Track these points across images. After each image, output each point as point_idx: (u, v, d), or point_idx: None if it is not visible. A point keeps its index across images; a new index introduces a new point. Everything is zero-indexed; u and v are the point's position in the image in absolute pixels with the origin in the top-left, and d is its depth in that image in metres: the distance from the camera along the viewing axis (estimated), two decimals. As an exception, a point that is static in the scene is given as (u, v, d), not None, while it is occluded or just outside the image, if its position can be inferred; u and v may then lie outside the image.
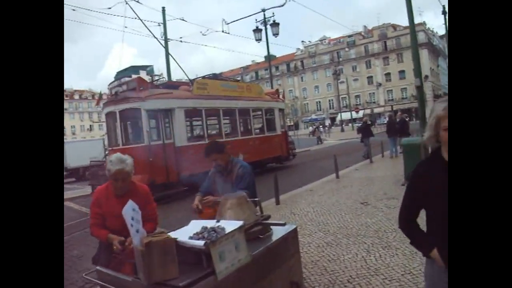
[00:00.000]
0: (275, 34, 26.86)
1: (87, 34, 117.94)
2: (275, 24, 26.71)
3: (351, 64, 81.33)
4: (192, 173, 11.39)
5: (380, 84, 76.94)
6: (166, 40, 20.41)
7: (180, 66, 15.13)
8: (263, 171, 15.60)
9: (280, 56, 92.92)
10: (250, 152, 15.15)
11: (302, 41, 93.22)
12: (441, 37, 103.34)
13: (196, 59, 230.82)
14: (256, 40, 27.14)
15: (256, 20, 27.07)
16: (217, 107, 14.62)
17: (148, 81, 13.97)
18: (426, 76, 72.23)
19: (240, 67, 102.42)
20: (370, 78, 79.10)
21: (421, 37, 73.38)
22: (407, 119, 19.68)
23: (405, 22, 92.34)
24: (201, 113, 13.94)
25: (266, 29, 26.84)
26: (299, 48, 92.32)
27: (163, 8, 21.15)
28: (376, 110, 74.54)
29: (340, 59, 79.86)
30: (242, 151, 14.50)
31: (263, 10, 27.05)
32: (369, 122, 19.55)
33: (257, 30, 27.08)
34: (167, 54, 20.35)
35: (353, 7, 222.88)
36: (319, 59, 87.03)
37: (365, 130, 17.76)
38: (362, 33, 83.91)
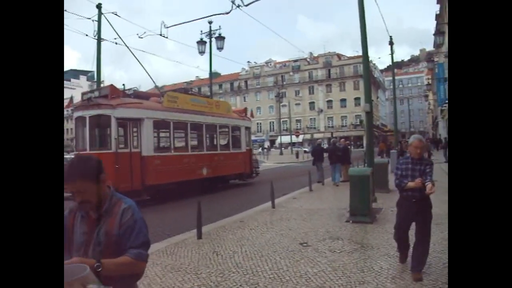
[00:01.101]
0: (220, 48, 25.59)
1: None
2: (221, 38, 25.47)
3: (294, 88, 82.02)
4: (156, 183, 12.98)
5: (321, 110, 77.95)
6: (100, 39, 18.32)
7: (149, 75, 14.91)
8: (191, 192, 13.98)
9: (224, 75, 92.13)
10: (214, 167, 15.98)
11: (248, 62, 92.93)
12: (381, 71, 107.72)
13: (141, 69, 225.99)
14: (199, 52, 25.79)
15: (201, 31, 25.84)
16: (185, 121, 14.87)
17: (120, 89, 14.05)
18: (366, 107, 74.24)
19: (184, 82, 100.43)
20: (312, 104, 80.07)
21: (363, 68, 75.57)
22: (349, 147, 18.96)
23: (349, 52, 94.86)
24: (169, 125, 14.13)
25: (210, 41, 25.59)
26: (244, 68, 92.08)
27: (99, 4, 19.07)
28: (316, 136, 75.04)
29: (284, 83, 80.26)
30: (207, 166, 15.59)
31: (209, 22, 25.79)
32: (323, 146, 18.40)
33: (201, 42, 25.71)
34: (99, 53, 18.24)
35: (301, 35, 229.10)
36: (263, 80, 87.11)
37: (319, 154, 16.75)
38: (308, 59, 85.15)
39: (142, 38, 16.70)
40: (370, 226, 7.80)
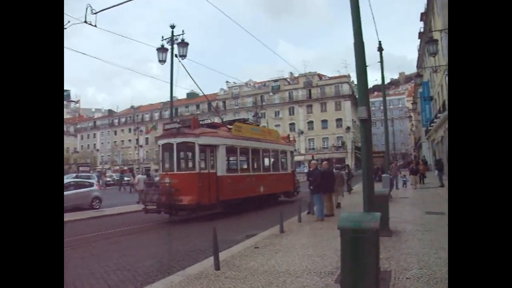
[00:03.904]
0: (182, 56, 22.03)
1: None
2: (184, 44, 21.93)
3: (274, 109, 78.59)
4: (228, 198, 15.39)
5: (302, 132, 74.44)
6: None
7: (198, 85, 17.60)
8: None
9: (202, 95, 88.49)
10: (268, 186, 18.56)
11: (227, 82, 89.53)
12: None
13: (126, 91, 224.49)
14: (159, 61, 22.31)
15: (162, 37, 22.41)
16: (247, 146, 17.40)
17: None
18: (348, 128, 71.19)
19: (160, 102, 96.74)
20: (292, 125, 76.31)
21: (345, 88, 73.02)
22: (334, 171, 15.45)
23: (330, 73, 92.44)
24: (237, 150, 16.64)
25: (172, 48, 22.11)
26: (222, 88, 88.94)
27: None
28: (297, 158, 71.45)
29: (264, 103, 76.93)
30: (263, 184, 18.12)
31: (172, 27, 22.39)
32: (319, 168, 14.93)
33: (162, 49, 22.20)
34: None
35: (282, 59, 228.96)
36: (242, 101, 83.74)
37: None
38: (288, 79, 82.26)
39: (66, 28, 12.56)
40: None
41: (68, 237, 10.70)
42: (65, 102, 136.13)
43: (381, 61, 19.51)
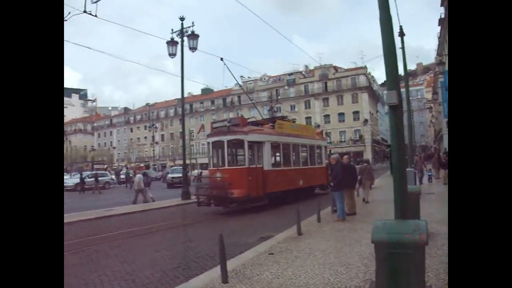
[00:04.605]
0: (192, 49, 21.40)
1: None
2: (194, 36, 21.22)
3: (289, 102, 77.41)
4: (273, 191, 16.23)
5: (318, 126, 73.11)
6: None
7: (234, 77, 17.46)
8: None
9: (217, 91, 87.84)
10: (306, 179, 19.39)
11: (241, 76, 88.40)
12: (381, 85, 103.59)
13: (142, 88, 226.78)
14: (169, 55, 21.79)
15: (172, 30, 21.86)
16: (289, 142, 18.52)
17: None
18: (366, 120, 69.63)
19: (175, 99, 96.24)
20: (308, 119, 74.95)
21: (362, 80, 71.41)
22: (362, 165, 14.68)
23: (345, 66, 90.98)
24: (279, 146, 17.84)
25: (182, 41, 21.54)
26: (237, 83, 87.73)
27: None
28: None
29: (279, 97, 75.77)
30: (302, 178, 18.98)
31: (181, 19, 21.74)
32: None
33: (172, 43, 21.58)
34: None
35: (296, 54, 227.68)
36: (257, 95, 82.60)
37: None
38: (303, 72, 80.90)
39: (66, 20, 11.78)
40: None
41: (68, 240, 9.88)
42: (82, 101, 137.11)
43: (403, 47, 18.30)
